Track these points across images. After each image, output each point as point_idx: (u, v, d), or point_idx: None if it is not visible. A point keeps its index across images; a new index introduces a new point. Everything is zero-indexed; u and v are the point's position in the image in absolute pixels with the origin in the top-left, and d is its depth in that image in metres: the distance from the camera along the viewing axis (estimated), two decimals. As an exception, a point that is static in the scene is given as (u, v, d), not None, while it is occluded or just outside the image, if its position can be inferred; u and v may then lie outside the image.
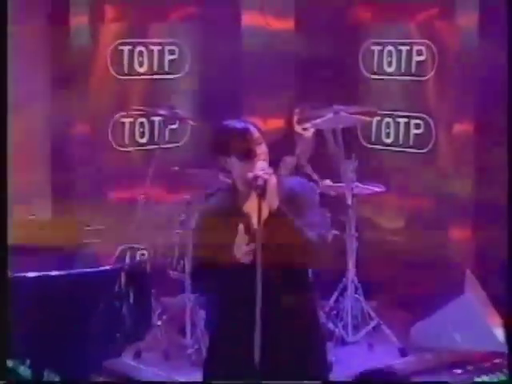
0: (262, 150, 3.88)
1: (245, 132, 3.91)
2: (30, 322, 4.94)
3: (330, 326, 6.52)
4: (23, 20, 6.74)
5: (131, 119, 7.44)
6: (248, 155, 3.86)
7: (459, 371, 6.17)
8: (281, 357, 3.86)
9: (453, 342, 6.57)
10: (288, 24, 7.81)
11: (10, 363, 5.91)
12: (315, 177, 7.04)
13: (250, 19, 7.73)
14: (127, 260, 7.06)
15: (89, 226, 6.07)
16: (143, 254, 7.07)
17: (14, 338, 4.74)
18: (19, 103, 6.52)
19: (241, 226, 3.82)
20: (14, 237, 4.88)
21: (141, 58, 7.41)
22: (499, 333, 6.47)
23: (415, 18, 7.46)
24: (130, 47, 7.35)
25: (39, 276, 4.99)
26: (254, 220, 3.74)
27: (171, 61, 7.58)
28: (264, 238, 3.63)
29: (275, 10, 7.78)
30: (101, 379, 5.93)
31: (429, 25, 7.37)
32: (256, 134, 3.90)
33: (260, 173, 3.73)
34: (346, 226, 6.69)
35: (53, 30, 6.91)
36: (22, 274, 4.94)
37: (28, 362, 5.30)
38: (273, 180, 3.76)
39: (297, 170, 6.82)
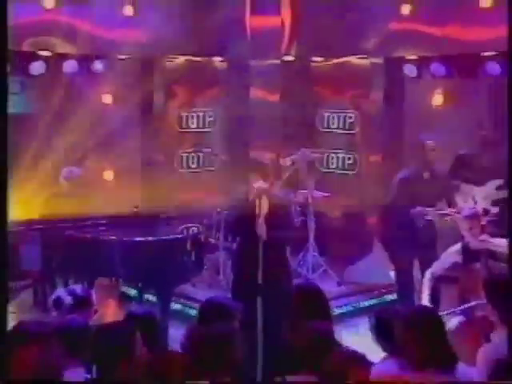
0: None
1: (265, 166, 6.06)
2: (140, 265, 6.65)
3: (299, 269, 8.24)
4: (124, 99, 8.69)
5: (187, 154, 9.30)
6: (265, 177, 5.79)
7: (370, 294, 8.28)
8: (273, 280, 5.58)
9: (366, 278, 8.40)
10: (276, 97, 9.36)
11: (125, 289, 7.88)
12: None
13: (255, 94, 9.32)
14: (188, 233, 8.31)
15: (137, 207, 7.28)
16: (193, 230, 8.54)
17: (134, 274, 6.59)
18: (123, 138, 8.52)
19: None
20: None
21: (192, 119, 9.31)
22: (391, 273, 8.17)
23: (348, 96, 9.22)
24: (186, 113, 9.32)
25: (143, 240, 6.66)
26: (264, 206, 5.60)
27: (210, 121, 9.41)
28: (265, 217, 5.56)
29: (269, 88, 9.34)
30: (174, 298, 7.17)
31: (355, 100, 9.15)
32: (270, 168, 6.02)
33: (262, 185, 5.75)
34: (307, 215, 8.29)
35: (144, 104, 9.16)
36: (131, 239, 6.67)
37: (138, 287, 7.05)
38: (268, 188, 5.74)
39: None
